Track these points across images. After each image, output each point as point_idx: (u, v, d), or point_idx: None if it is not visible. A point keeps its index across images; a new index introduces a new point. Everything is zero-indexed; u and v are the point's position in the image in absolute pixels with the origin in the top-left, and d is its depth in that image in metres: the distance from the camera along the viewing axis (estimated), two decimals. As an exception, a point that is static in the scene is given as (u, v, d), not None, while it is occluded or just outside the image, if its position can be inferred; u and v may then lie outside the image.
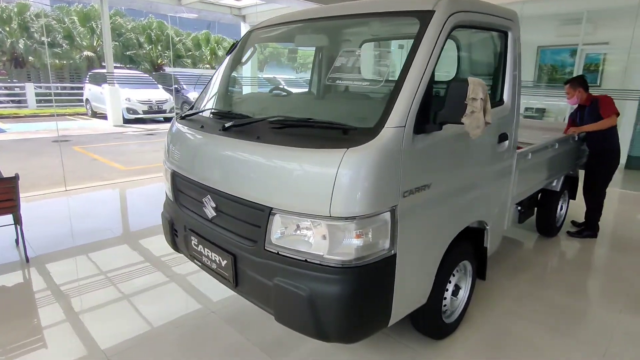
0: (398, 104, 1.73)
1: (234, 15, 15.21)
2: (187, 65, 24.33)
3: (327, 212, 1.65)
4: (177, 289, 3.00)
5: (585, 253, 3.87)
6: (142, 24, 23.67)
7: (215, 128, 2.20)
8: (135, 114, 13.10)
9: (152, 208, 4.73)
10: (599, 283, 3.31)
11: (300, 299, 1.73)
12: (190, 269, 3.26)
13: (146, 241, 3.85)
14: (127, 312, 2.70)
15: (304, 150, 1.74)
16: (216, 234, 2.12)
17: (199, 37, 25.46)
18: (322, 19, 2.35)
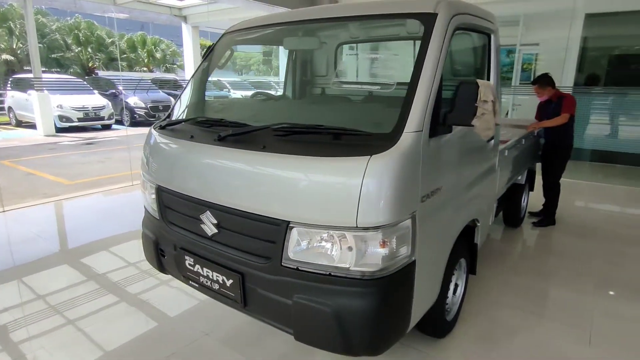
0: (414, 108, 1.70)
1: (174, 15, 14.51)
2: (123, 68, 22.88)
3: (353, 223, 1.58)
4: (157, 312, 2.76)
5: (548, 240, 4.15)
6: (68, 24, 21.86)
7: (208, 138, 2.04)
8: (69, 122, 12.04)
9: (114, 224, 4.36)
10: (566, 267, 3.54)
11: (326, 315, 1.65)
12: (167, 290, 3.03)
13: (118, 262, 3.52)
14: (101, 344, 2.43)
15: (323, 160, 1.65)
16: (218, 252, 1.97)
17: (134, 39, 24.04)
18: (317, 21, 2.27)
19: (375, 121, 1.91)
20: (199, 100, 2.63)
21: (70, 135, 11.36)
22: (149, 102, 14.25)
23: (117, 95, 14.38)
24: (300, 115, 2.20)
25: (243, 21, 2.74)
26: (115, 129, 13.15)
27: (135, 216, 4.68)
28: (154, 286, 3.09)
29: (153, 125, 2.52)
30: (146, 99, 14.29)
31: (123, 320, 2.67)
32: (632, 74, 8.59)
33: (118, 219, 4.60)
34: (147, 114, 14.02)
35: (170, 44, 25.67)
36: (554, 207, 4.36)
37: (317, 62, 2.95)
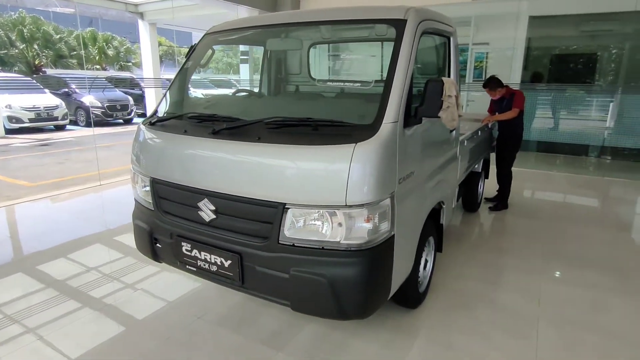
0: (391, 102, 1.97)
1: (130, 12, 14.10)
2: (73, 66, 21.82)
3: (343, 202, 1.82)
4: (147, 300, 2.88)
5: (502, 222, 4.60)
6: (12, 19, 20.55)
7: (202, 132, 2.21)
8: (20, 123, 11.44)
9: (87, 225, 4.35)
10: (518, 243, 3.98)
11: (321, 284, 1.89)
12: (154, 284, 3.14)
13: (102, 258, 3.56)
14: (98, 327, 2.53)
15: (314, 148, 1.88)
16: (216, 236, 2.14)
17: (83, 35, 22.98)
18: (297, 24, 2.49)
19: (356, 114, 2.16)
20: (185, 98, 2.77)
21: (22, 137, 10.83)
22: (106, 101, 13.80)
23: (70, 95, 13.78)
24: (286, 110, 2.41)
25: (223, 23, 2.90)
26: (69, 129, 12.63)
27: (110, 215, 4.69)
28: (140, 280, 3.19)
29: (142, 122, 2.63)
30: (102, 98, 13.82)
31: (116, 312, 2.76)
32: (571, 72, 9.46)
33: (90, 219, 4.59)
34: (104, 113, 13.58)
35: (123, 41, 24.77)
36: (507, 193, 4.83)
37: (294, 62, 3.16)
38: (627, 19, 7.90)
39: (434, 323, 2.65)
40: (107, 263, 3.47)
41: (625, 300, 2.94)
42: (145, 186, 2.47)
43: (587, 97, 8.51)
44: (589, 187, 6.33)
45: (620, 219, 4.87)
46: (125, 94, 14.88)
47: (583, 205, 5.53)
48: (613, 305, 2.88)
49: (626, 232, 4.44)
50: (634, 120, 8.04)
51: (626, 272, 3.38)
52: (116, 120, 14.09)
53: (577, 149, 8.35)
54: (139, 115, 15.57)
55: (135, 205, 2.68)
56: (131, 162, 2.63)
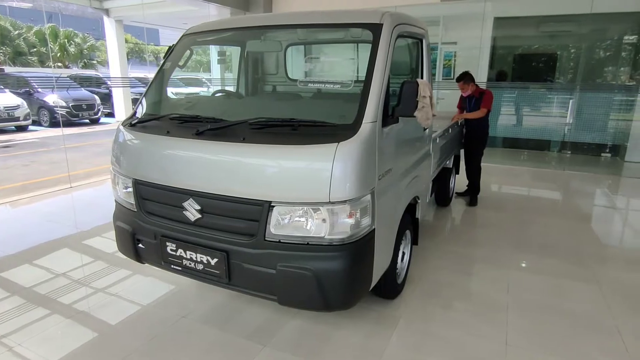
0: (370, 102, 2.07)
1: (95, 8, 13.65)
2: (34, 63, 20.86)
3: (327, 199, 1.91)
4: (130, 304, 2.87)
5: (472, 215, 4.83)
6: (-37, 14, 19.42)
7: (186, 133, 2.24)
8: (-23, 124, 10.90)
9: (66, 226, 4.25)
10: (488, 235, 4.19)
11: (307, 277, 1.97)
12: (135, 285, 3.13)
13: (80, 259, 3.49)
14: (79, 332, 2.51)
15: (298, 147, 1.96)
16: (202, 235, 2.18)
17: (44, 32, 22.01)
18: (278, 27, 2.55)
19: (336, 114, 2.24)
20: (164, 99, 2.78)
21: (-19, 139, 10.32)
22: (71, 101, 13.31)
23: (32, 94, 13.21)
24: (268, 111, 2.47)
25: (202, 24, 2.92)
26: (32, 130, 12.12)
27: (83, 217, 4.59)
28: (120, 280, 3.17)
29: (121, 123, 2.62)
30: (67, 97, 13.32)
31: (99, 312, 2.74)
32: (533, 70, 9.92)
33: (61, 222, 4.48)
34: (69, 113, 13.09)
35: (86, 38, 23.89)
36: (477, 187, 5.05)
37: (273, 63, 3.22)
38: (582, 21, 8.37)
39: (412, 313, 2.78)
40: (81, 266, 3.42)
41: (586, 285, 3.18)
42: (126, 187, 2.47)
43: (548, 95, 8.96)
44: (551, 180, 6.70)
45: (579, 209, 5.20)
46: (92, 93, 14.40)
47: (545, 197, 5.86)
48: (574, 290, 3.11)
49: (585, 222, 4.76)
50: (591, 117, 8.54)
51: (585, 259, 3.64)
52: (82, 120, 13.63)
53: (540, 144, 8.79)
54: (106, 115, 15.12)
55: (116, 206, 2.67)
56: (111, 164, 2.62)
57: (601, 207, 5.59)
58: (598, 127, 8.50)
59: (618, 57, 8.82)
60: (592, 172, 7.29)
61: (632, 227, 4.77)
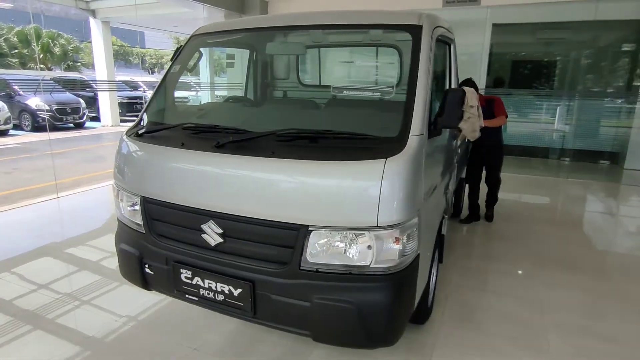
0: (416, 112, 1.84)
1: (81, 9, 13.18)
2: (15, 65, 20.12)
3: (374, 222, 1.67)
4: (125, 330, 2.57)
5: (485, 227, 4.64)
6: (-61, 13, 18.59)
7: (204, 145, 1.98)
8: (-46, 129, 10.35)
9: (45, 241, 3.90)
10: (505, 248, 4.01)
11: (349, 312, 1.73)
12: (141, 307, 2.84)
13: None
14: None
15: (340, 164, 1.72)
16: (223, 262, 1.92)
17: (26, 32, 21.26)
18: (303, 28, 2.31)
19: (377, 125, 2.02)
20: (172, 106, 2.51)
21: (-42, 144, 9.78)
22: (55, 105, 12.79)
23: (12, 97, 12.66)
24: (291, 121, 2.22)
25: (213, 23, 2.67)
26: (13, 134, 11.58)
27: (74, 230, 4.24)
28: (116, 301, 2.86)
29: (125, 133, 2.35)
30: (51, 100, 12.80)
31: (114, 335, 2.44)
32: (531, 77, 9.91)
33: (52, 236, 4.13)
34: (53, 117, 12.57)
35: (70, 39, 23.19)
36: (495, 201, 4.72)
37: (292, 67, 2.97)
38: (580, 28, 8.37)
39: (445, 339, 2.55)
40: (75, 290, 3.10)
41: (619, 304, 3.01)
42: (133, 205, 2.19)
43: (547, 102, 8.92)
44: (554, 188, 6.61)
45: (588, 219, 5.08)
46: (76, 96, 13.89)
47: (553, 207, 5.75)
48: (609, 309, 2.93)
49: (597, 233, 4.62)
50: (590, 124, 8.53)
51: (609, 273, 3.48)
52: (67, 124, 13.12)
53: (539, 152, 8.73)
54: (92, 119, 14.62)
55: (119, 226, 2.38)
56: (114, 178, 2.33)
57: (608, 215, 5.49)
58: (597, 135, 8.50)
59: (616, 65, 8.85)
60: (595, 180, 7.24)
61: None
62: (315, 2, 7.26)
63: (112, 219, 4.80)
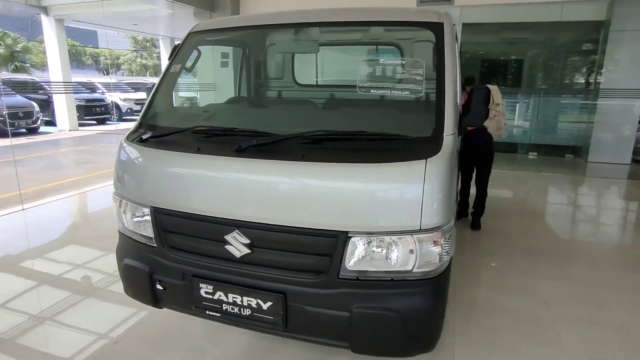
0: (447, 111, 1.80)
1: (31, 5, 12.29)
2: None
3: (417, 226, 1.61)
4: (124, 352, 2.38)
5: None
6: None
7: (222, 149, 1.84)
8: None
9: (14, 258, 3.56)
10: (496, 243, 4.08)
11: (392, 320, 1.66)
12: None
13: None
14: None
15: (378, 166, 1.64)
16: (251, 274, 1.80)
17: (-34, 31, 19.64)
18: (321, 25, 2.21)
19: (407, 125, 1.96)
20: (175, 108, 2.33)
21: None
22: (4, 109, 11.87)
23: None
24: (314, 121, 2.11)
25: (214, 20, 2.51)
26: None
27: (47, 246, 3.89)
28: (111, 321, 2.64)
29: (126, 138, 2.15)
30: (0, 105, 11.86)
31: None
32: (498, 75, 10.26)
33: (22, 252, 3.78)
34: (3, 122, 11.64)
35: (18, 38, 21.68)
36: (482, 211, 4.45)
37: (302, 65, 2.85)
38: (543, 28, 8.76)
39: (462, 338, 2.55)
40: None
41: (617, 293, 3.13)
42: (142, 217, 2.01)
43: (514, 99, 9.28)
44: (529, 182, 6.88)
45: (568, 212, 5.31)
46: (28, 100, 12.97)
47: (533, 201, 5.96)
48: (609, 298, 3.04)
49: (578, 224, 4.83)
50: (554, 120, 8.96)
51: (600, 263, 3.63)
52: (19, 129, 12.22)
53: (509, 147, 9.06)
54: (46, 123, 13.70)
55: (122, 240, 2.19)
56: (115, 187, 2.14)
57: (585, 207, 5.77)
58: (561, 130, 8.93)
59: (577, 64, 9.35)
60: (563, 173, 7.61)
61: (620, 224, 4.93)
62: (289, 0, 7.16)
63: (83, 230, 4.47)
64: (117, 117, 15.93)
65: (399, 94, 1.91)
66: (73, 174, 7.12)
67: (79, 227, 4.74)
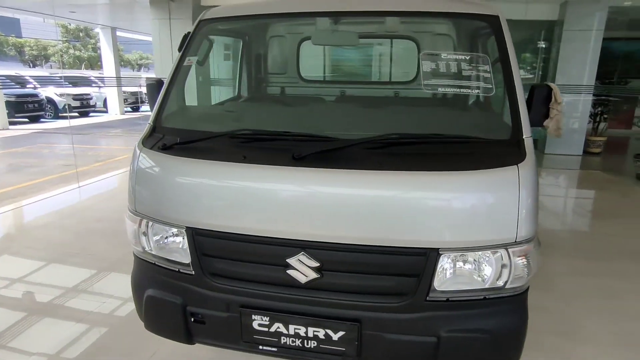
0: (522, 111, 1.68)
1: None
2: None
3: (512, 238, 1.47)
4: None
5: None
6: None
7: (274, 158, 1.57)
8: None
9: None
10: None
11: (484, 342, 1.51)
12: None
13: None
14: None
15: (468, 174, 1.47)
16: (318, 301, 1.56)
17: None
18: (356, 15, 1.97)
19: (478, 126, 1.80)
20: (195, 107, 2.00)
21: None
22: None
23: None
24: (378, 123, 1.86)
25: (227, 6, 2.19)
26: None
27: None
28: None
29: (141, 144, 1.80)
30: None
31: None
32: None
33: None
34: None
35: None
36: None
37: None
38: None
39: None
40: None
41: (622, 281, 3.25)
42: (173, 237, 1.69)
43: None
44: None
45: (547, 204, 5.53)
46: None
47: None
48: (620, 289, 3.14)
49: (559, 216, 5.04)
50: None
51: (591, 253, 3.78)
52: None
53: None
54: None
55: (141, 266, 1.83)
56: (131, 204, 1.78)
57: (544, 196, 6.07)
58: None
59: (534, 60, 9.84)
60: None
61: (574, 211, 5.22)
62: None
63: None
64: (52, 114, 14.47)
65: (468, 91, 1.75)
66: (14, 181, 6.26)
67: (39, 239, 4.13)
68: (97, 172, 6.82)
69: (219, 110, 2.23)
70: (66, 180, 6.22)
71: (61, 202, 5.24)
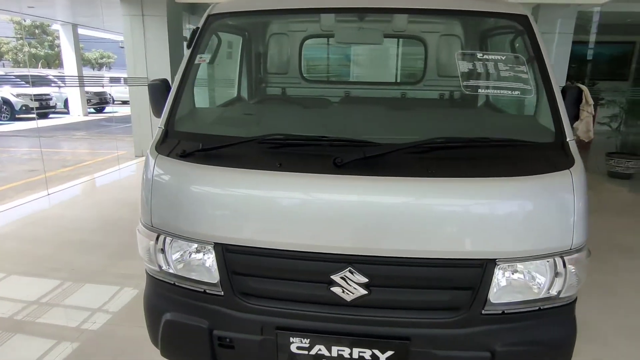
0: (562, 112, 1.64)
1: None
2: None
3: (568, 245, 1.41)
4: None
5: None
6: None
7: (311, 165, 1.45)
8: None
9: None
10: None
11: (540, 355, 1.46)
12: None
13: None
14: None
15: (524, 179, 1.40)
16: (365, 320, 1.45)
17: None
18: (380, 12, 1.86)
19: (521, 129, 1.73)
20: (210, 109, 1.83)
21: None
22: None
23: None
24: (421, 126, 1.75)
25: (236, 0, 2.03)
26: None
27: None
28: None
29: (157, 152, 1.62)
30: None
31: None
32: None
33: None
34: None
35: None
36: None
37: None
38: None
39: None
40: None
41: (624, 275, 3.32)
42: (197, 254, 1.52)
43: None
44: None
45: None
46: None
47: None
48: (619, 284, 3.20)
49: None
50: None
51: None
52: None
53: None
54: None
55: (157, 287, 1.65)
56: (144, 217, 1.60)
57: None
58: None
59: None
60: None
61: None
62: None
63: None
64: (8, 116, 13.53)
65: (509, 94, 1.68)
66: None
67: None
68: (65, 178, 6.38)
69: (237, 112, 2.05)
70: (33, 187, 5.77)
71: (30, 211, 4.84)
